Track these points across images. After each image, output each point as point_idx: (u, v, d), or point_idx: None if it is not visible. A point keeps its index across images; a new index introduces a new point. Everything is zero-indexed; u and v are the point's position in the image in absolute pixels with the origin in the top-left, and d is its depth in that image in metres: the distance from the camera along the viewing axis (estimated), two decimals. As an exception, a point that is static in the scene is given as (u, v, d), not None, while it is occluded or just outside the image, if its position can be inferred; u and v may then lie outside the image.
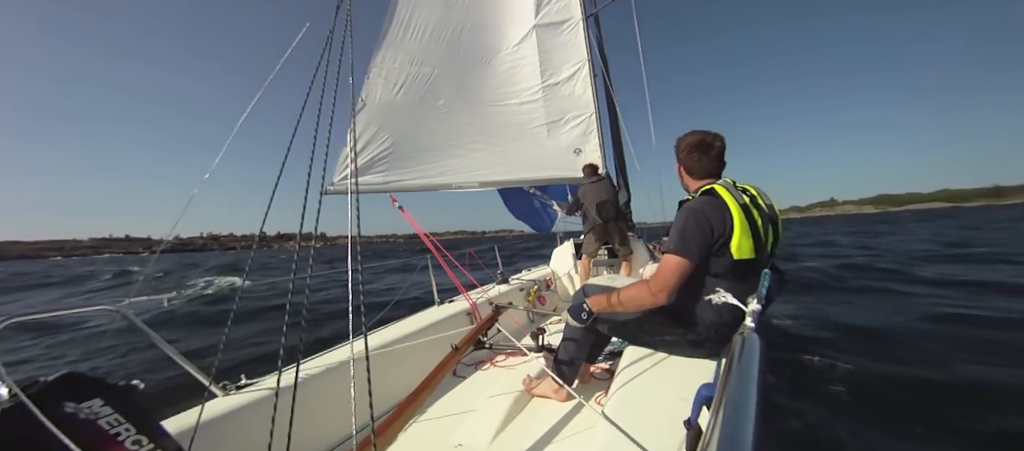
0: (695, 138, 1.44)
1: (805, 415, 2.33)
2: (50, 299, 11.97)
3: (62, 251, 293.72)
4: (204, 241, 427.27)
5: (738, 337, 0.76)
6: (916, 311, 4.42)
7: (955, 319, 4.07)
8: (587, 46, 4.20)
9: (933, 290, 5.58)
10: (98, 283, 15.28)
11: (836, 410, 2.42)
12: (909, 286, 5.98)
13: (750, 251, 1.23)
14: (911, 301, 5.04)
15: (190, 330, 5.82)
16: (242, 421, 1.40)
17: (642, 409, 1.08)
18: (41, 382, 0.80)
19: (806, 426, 2.24)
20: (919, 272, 7.17)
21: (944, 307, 4.49)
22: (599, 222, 3.62)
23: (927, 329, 3.84)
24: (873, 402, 2.51)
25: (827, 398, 2.58)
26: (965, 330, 3.72)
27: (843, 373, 2.87)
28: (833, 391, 2.66)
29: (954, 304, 4.64)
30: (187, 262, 25.89)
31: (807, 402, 2.50)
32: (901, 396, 2.54)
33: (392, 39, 3.51)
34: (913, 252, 10.70)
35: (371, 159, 3.36)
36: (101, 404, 0.84)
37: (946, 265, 7.95)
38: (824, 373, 2.90)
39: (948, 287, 5.73)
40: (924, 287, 5.88)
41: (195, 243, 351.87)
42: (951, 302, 4.76)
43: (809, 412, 2.36)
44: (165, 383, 3.19)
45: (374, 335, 2.12)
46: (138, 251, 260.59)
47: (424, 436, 1.61)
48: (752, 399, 0.51)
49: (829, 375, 2.87)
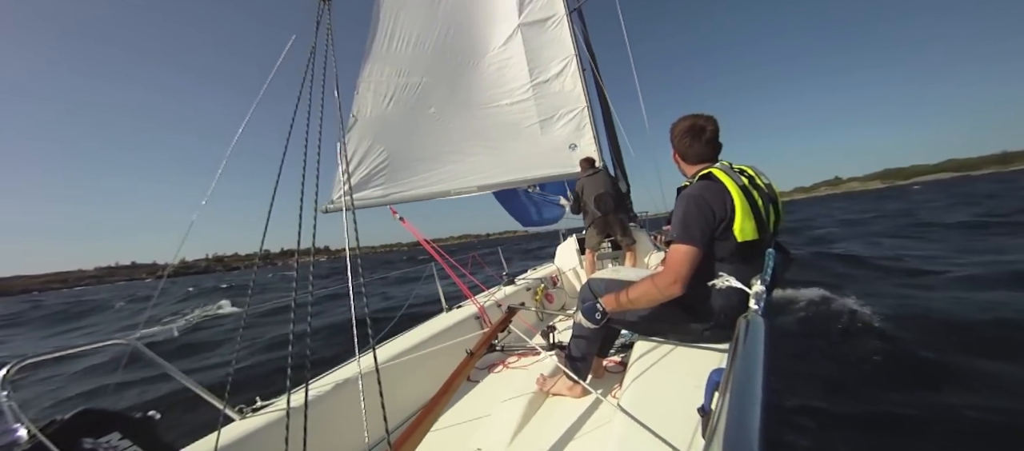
0: (687, 123, 1.43)
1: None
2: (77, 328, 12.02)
3: (66, 283, 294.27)
4: (207, 263, 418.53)
5: (742, 320, 0.76)
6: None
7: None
8: (573, 41, 4.20)
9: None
10: (112, 313, 15.30)
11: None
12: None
13: (753, 232, 1.23)
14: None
15: (202, 354, 5.85)
16: (260, 443, 1.40)
17: (657, 399, 1.08)
18: (58, 421, 0.81)
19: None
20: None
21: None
22: (599, 215, 3.61)
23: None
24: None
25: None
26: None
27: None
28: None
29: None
30: (182, 289, 25.72)
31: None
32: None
33: (377, 52, 3.53)
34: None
35: (368, 174, 3.37)
36: (119, 438, 0.85)
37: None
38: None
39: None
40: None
41: (198, 266, 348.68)
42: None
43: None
44: (181, 411, 3.21)
45: (384, 347, 2.13)
46: (142, 277, 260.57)
47: (443, 444, 1.61)
48: (758, 381, 0.51)
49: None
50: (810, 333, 3.59)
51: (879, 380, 2.70)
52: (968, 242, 7.85)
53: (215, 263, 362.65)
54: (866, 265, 6.37)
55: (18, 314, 17.29)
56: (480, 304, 2.73)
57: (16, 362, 0.98)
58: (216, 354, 5.89)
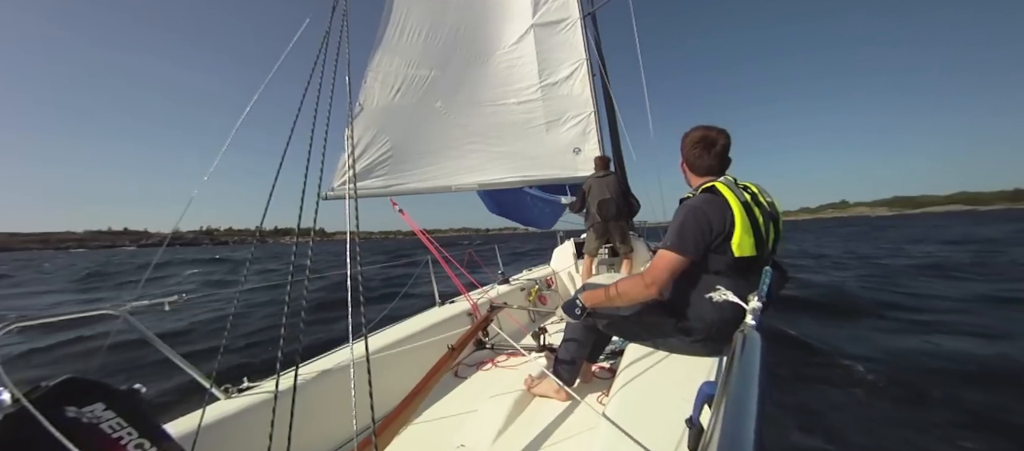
0: (699, 133, 1.43)
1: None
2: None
3: (47, 243, 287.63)
4: (195, 235, 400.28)
5: (739, 335, 0.76)
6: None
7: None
8: (585, 45, 4.20)
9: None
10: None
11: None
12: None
13: (751, 249, 1.23)
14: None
15: (190, 333, 5.83)
16: (244, 423, 1.40)
17: (644, 408, 1.08)
18: (43, 387, 0.81)
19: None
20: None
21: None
22: (599, 220, 3.60)
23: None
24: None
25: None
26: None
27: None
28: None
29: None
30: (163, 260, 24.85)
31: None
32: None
33: (388, 42, 3.51)
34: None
35: (370, 163, 3.36)
36: (103, 408, 0.85)
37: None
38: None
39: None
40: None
41: (185, 237, 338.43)
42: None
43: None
44: (167, 386, 3.20)
45: (374, 337, 2.13)
46: (124, 245, 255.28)
47: (426, 437, 1.62)
48: (753, 397, 0.51)
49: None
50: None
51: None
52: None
53: (204, 235, 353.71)
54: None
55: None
56: (473, 301, 2.73)
57: (3, 325, 0.97)
58: (206, 332, 5.87)
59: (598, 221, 3.61)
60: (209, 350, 4.43)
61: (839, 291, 6.23)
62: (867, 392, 2.77)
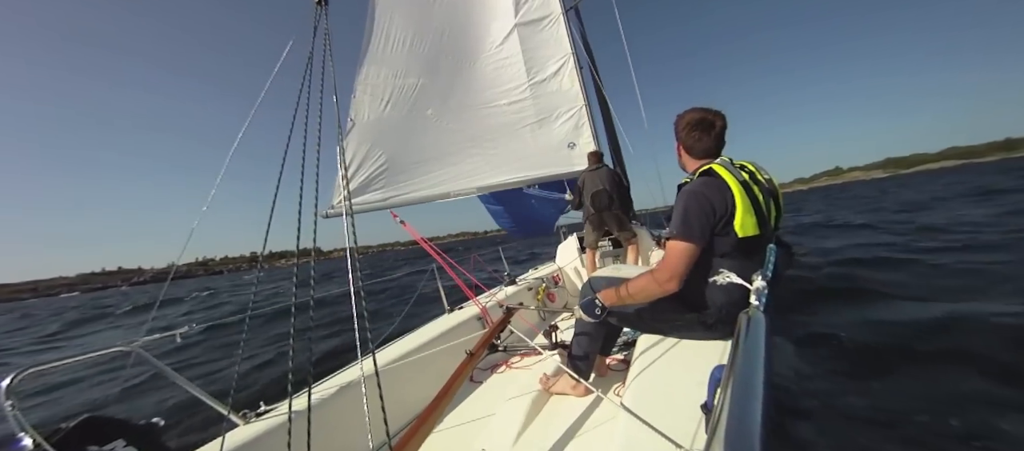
0: (696, 115, 1.41)
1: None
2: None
3: (36, 292, 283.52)
4: (189, 268, 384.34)
5: (743, 316, 0.76)
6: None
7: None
8: (570, 40, 4.20)
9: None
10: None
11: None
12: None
13: (754, 228, 1.23)
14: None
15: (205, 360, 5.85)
16: (265, 447, 1.40)
17: (660, 396, 1.08)
18: (63, 429, 0.81)
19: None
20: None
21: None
22: (593, 212, 3.60)
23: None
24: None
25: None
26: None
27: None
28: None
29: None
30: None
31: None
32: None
33: (373, 54, 3.52)
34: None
35: (367, 177, 3.37)
36: (124, 445, 0.86)
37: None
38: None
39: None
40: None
41: (179, 270, 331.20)
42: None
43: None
44: (185, 417, 3.21)
45: (386, 350, 2.13)
46: (116, 285, 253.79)
47: (447, 446, 1.62)
48: (759, 377, 0.52)
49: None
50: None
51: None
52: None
53: (198, 267, 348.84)
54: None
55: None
56: (482, 305, 2.73)
57: (19, 371, 0.98)
58: (218, 359, 5.89)
59: (592, 212, 3.61)
60: (223, 377, 4.45)
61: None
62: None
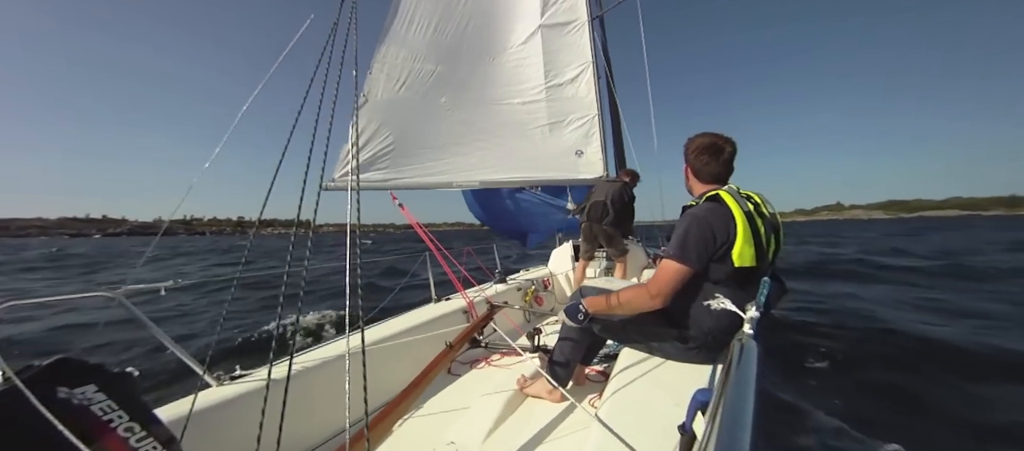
0: (706, 140, 1.42)
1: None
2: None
3: (7, 230, 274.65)
4: (170, 225, 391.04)
5: (736, 343, 0.76)
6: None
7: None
8: (592, 48, 4.19)
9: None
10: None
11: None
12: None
13: (751, 259, 1.23)
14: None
15: (187, 317, 5.82)
16: (236, 412, 1.39)
17: (636, 413, 1.08)
18: (35, 367, 0.80)
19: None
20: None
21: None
22: (585, 222, 3.58)
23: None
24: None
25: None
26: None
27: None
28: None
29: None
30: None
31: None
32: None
33: (395, 34, 3.49)
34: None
35: (372, 156, 3.35)
36: (95, 390, 0.84)
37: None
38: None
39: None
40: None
41: (156, 227, 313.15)
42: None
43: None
44: (160, 371, 3.19)
45: (370, 330, 2.12)
46: (91, 233, 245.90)
47: (417, 433, 1.61)
48: (750, 406, 0.52)
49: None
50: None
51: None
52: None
53: (179, 225, 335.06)
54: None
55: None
56: (469, 298, 2.73)
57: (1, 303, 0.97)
58: (201, 319, 5.85)
59: (585, 223, 3.58)
60: (203, 338, 4.42)
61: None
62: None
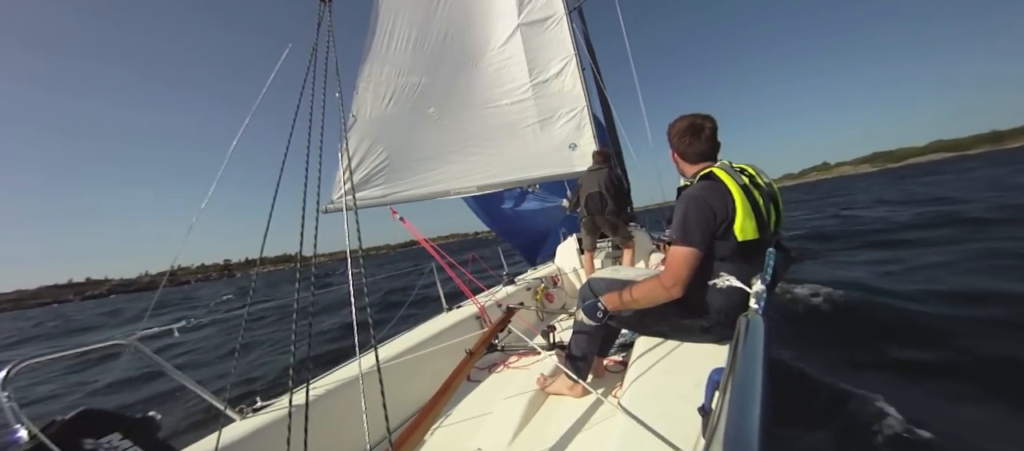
0: (685, 122, 1.43)
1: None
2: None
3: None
4: (151, 278, 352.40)
5: (742, 319, 0.76)
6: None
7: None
8: (573, 40, 4.20)
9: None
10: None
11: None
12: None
13: (754, 231, 1.23)
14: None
15: (203, 356, 5.85)
16: (261, 443, 1.40)
17: (658, 398, 1.08)
18: (59, 421, 0.81)
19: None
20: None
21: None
22: (586, 215, 3.57)
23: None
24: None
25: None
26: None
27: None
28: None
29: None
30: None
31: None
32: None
33: (376, 52, 3.52)
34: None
35: (367, 174, 3.37)
36: (120, 438, 0.85)
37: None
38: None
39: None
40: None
41: (139, 283, 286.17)
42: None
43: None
44: (182, 412, 3.21)
45: (384, 347, 2.13)
46: (68, 298, 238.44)
47: (443, 444, 1.61)
48: (758, 381, 0.52)
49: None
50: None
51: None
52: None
53: (159, 278, 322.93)
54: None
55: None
56: (480, 304, 2.73)
57: (16, 362, 0.98)
58: (216, 355, 5.89)
59: (586, 216, 3.57)
60: (219, 375, 4.45)
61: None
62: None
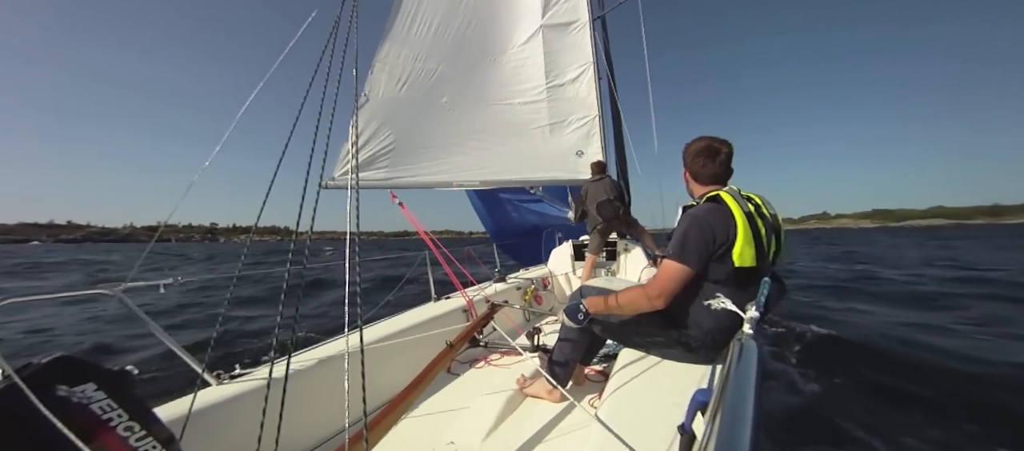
0: (702, 143, 1.44)
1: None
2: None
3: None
4: (130, 230, 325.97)
5: (736, 343, 0.76)
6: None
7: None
8: (593, 48, 4.19)
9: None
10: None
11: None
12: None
13: (751, 259, 1.23)
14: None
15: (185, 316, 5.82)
16: (235, 411, 1.39)
17: (635, 412, 1.08)
18: (34, 364, 0.80)
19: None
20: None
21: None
22: (601, 222, 3.72)
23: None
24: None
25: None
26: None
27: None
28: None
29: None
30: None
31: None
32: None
33: (397, 33, 3.49)
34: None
35: (372, 155, 3.35)
36: (94, 389, 0.84)
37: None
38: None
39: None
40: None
41: (119, 233, 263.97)
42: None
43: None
44: (159, 370, 3.19)
45: (369, 330, 2.12)
46: (40, 239, 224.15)
47: (417, 432, 1.61)
48: (750, 405, 0.51)
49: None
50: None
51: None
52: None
53: (143, 231, 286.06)
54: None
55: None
56: (469, 298, 2.72)
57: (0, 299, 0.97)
58: (200, 318, 5.85)
59: (601, 223, 3.73)
60: (202, 339, 4.43)
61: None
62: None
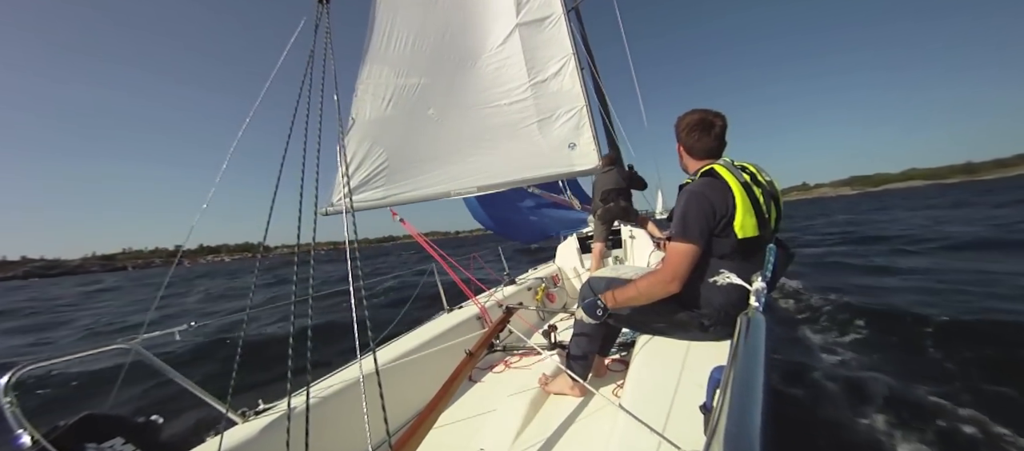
0: (696, 116, 1.43)
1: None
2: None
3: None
4: (82, 261, 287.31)
5: (743, 317, 0.76)
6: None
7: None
8: (571, 40, 4.19)
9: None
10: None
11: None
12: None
13: (754, 229, 1.23)
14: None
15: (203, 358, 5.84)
16: (263, 446, 1.40)
17: (659, 397, 1.08)
18: (61, 426, 0.81)
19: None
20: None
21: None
22: (601, 205, 3.85)
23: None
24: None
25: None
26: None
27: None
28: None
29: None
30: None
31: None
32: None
33: (375, 53, 3.52)
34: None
35: (367, 175, 3.37)
36: (122, 442, 0.85)
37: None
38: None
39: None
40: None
41: (67, 265, 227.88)
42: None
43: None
44: (184, 415, 3.21)
45: (384, 349, 2.13)
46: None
47: (447, 443, 1.62)
48: (759, 378, 0.52)
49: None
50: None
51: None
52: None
53: (94, 260, 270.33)
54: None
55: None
56: (481, 304, 2.73)
57: (18, 368, 0.98)
58: (216, 357, 5.87)
59: (600, 206, 3.86)
60: (218, 371, 4.45)
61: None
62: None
